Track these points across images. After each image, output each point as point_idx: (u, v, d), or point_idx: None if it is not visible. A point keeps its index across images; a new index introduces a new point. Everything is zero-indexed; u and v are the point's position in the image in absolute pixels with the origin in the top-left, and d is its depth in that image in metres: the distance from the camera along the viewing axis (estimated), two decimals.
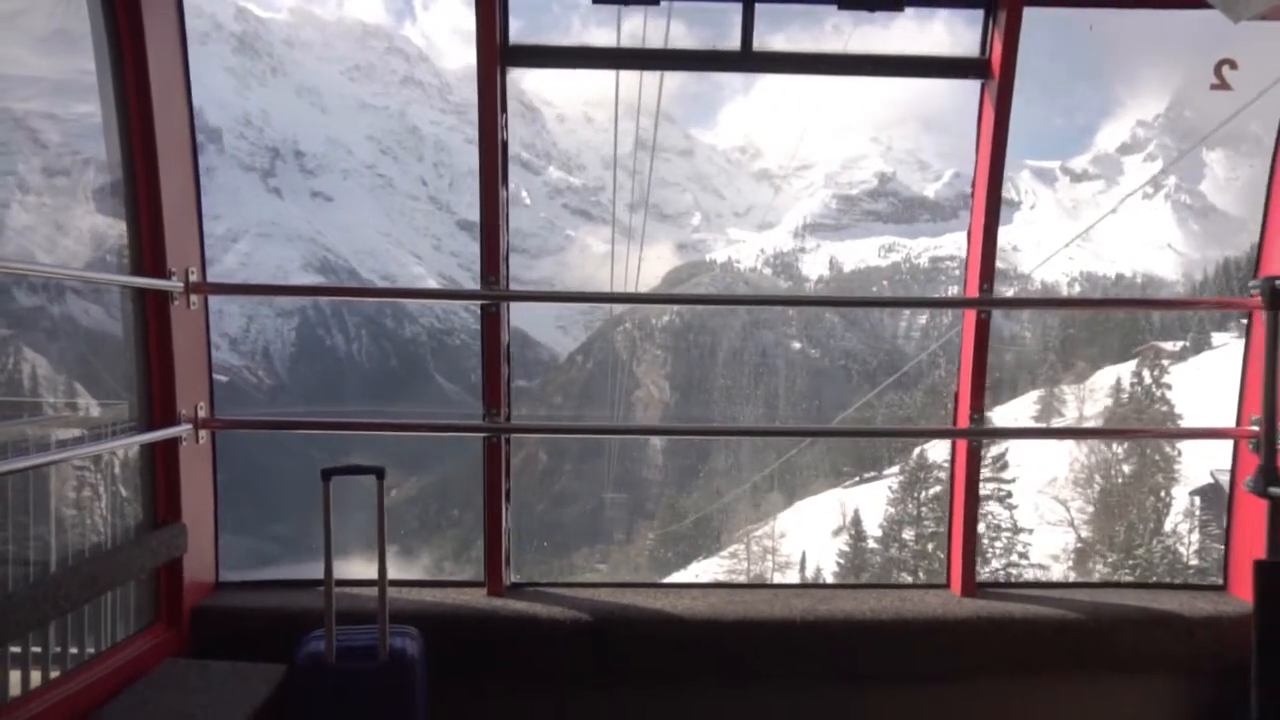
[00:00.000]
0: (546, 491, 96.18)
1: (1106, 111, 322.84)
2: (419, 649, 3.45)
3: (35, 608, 2.73)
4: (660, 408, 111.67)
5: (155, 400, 3.48)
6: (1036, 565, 41.19)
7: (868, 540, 47.93)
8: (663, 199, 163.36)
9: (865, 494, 54.95)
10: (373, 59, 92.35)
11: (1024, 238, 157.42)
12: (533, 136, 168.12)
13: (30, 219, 57.19)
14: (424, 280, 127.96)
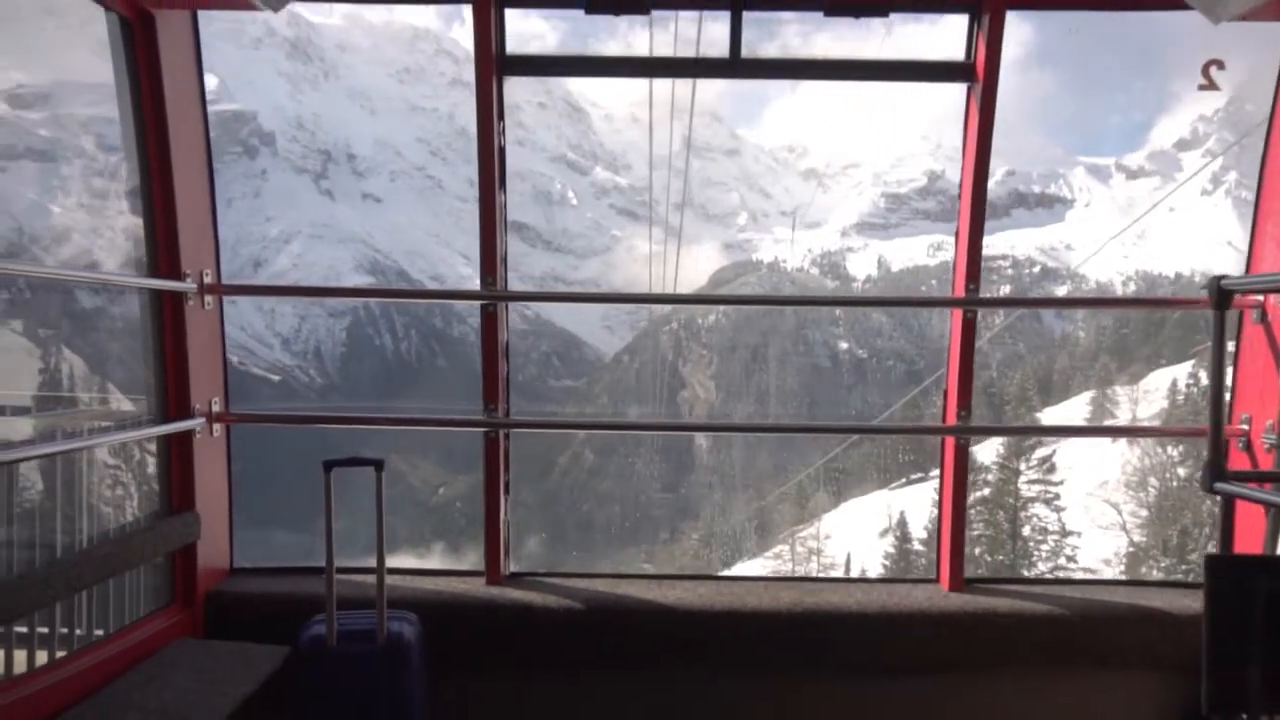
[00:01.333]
0: (592, 491, 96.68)
1: (1164, 107, 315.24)
2: (416, 634, 3.61)
3: (48, 586, 2.94)
4: (706, 407, 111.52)
5: (170, 395, 3.69)
6: (1085, 569, 40.54)
7: (913, 542, 47.58)
8: (709, 199, 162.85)
9: (912, 496, 54.50)
10: (422, 62, 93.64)
11: (1077, 236, 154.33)
12: (579, 138, 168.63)
13: (94, 220, 58.36)
14: (471, 280, 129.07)
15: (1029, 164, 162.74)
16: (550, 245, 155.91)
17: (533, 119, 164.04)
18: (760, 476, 77.25)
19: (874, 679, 3.78)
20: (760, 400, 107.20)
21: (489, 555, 4.00)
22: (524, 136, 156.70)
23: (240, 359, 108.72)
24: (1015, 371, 79.97)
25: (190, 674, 3.24)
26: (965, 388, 3.94)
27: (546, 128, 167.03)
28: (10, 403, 4.97)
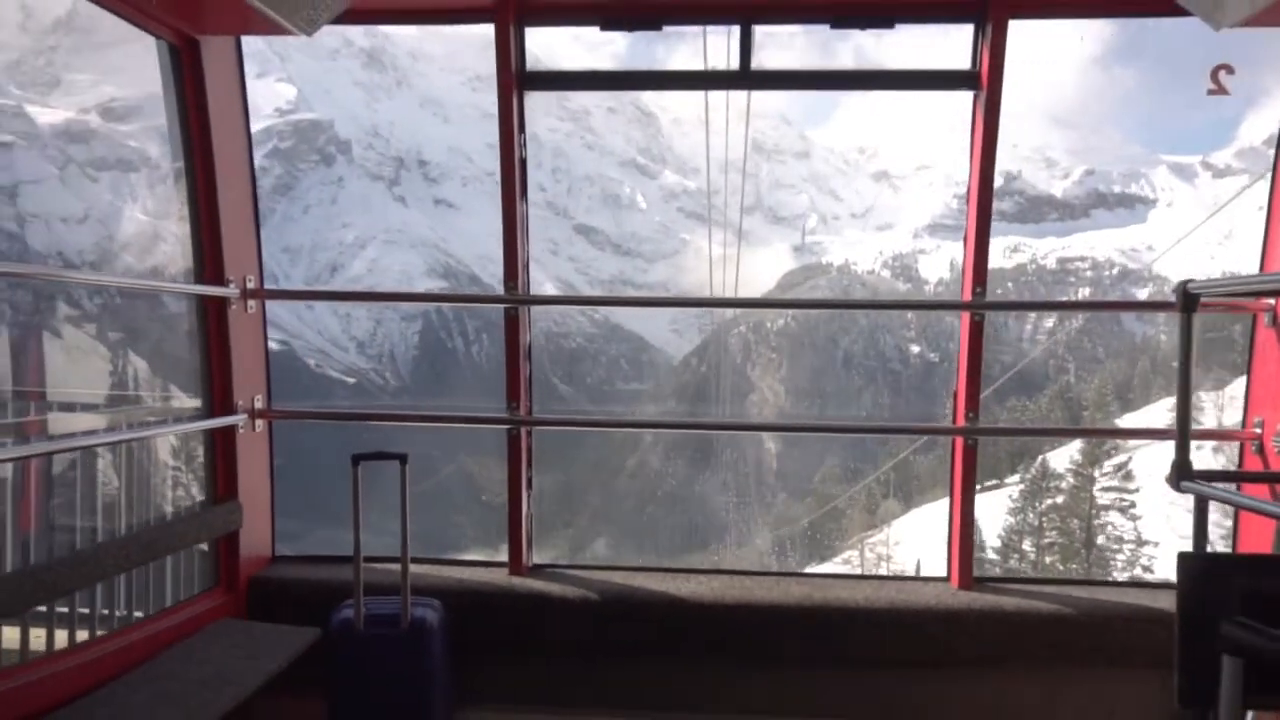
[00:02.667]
0: (660, 495, 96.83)
1: (1253, 101, 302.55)
2: (439, 619, 3.83)
3: (98, 565, 3.23)
4: (774, 411, 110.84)
5: (215, 392, 3.98)
6: (1164, 582, 39.25)
7: (986, 550, 46.73)
8: (778, 201, 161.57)
9: (985, 502, 53.49)
10: (493, 69, 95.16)
11: (1159, 237, 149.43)
12: (648, 141, 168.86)
13: (180, 228, 61.08)
14: (543, 285, 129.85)
15: (1109, 163, 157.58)
16: (619, 249, 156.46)
17: (602, 124, 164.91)
18: (827, 480, 76.53)
19: (882, 673, 3.88)
20: (829, 404, 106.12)
21: (512, 547, 4.21)
22: (594, 141, 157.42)
23: (317, 362, 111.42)
24: (1093, 376, 77.89)
25: (227, 650, 3.50)
26: (974, 389, 4.02)
27: (615, 132, 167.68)
28: (82, 400, 5.36)
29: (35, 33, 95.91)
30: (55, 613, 3.68)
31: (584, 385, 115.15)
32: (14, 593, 2.90)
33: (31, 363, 8.40)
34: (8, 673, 3.06)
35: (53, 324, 23.13)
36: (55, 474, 3.94)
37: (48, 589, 3.03)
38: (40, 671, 3.07)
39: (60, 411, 4.80)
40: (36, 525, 3.79)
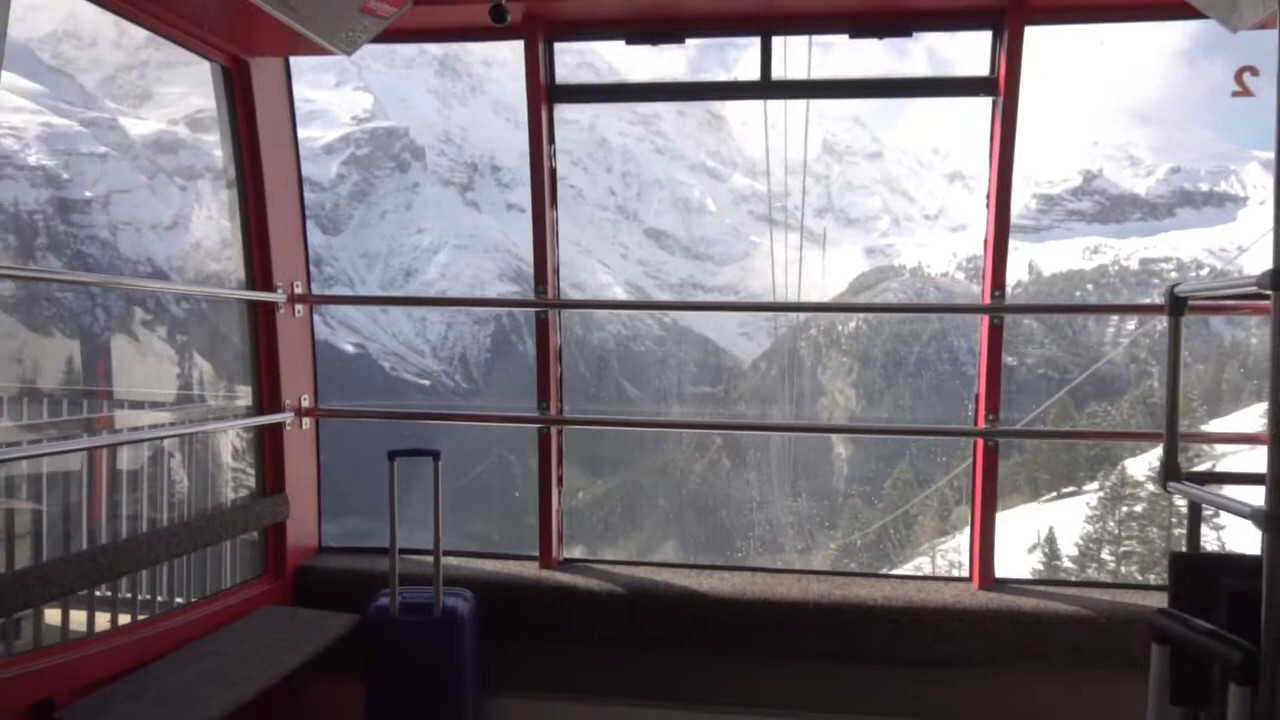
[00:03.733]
0: (728, 498, 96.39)
1: None
2: (470, 609, 4.02)
3: (149, 550, 3.48)
4: (845, 414, 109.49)
5: (264, 391, 4.23)
6: None
7: (1062, 559, 45.54)
8: (850, 203, 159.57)
9: (1063, 510, 52.15)
10: (564, 74, 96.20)
11: (1249, 236, 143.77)
12: (718, 144, 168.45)
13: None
14: (611, 288, 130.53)
15: (1196, 160, 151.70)
16: (689, 252, 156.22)
17: (672, 128, 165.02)
18: (898, 485, 75.34)
19: (899, 671, 3.95)
20: (900, 408, 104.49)
21: (542, 541, 4.38)
22: (663, 145, 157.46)
23: (392, 365, 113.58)
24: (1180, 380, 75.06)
25: (270, 633, 3.74)
26: (994, 391, 4.07)
27: (685, 136, 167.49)
28: (152, 399, 5.71)
29: (129, 48, 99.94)
30: (118, 596, 3.98)
31: (652, 388, 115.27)
32: (71, 573, 3.16)
33: (100, 363, 8.90)
34: (75, 645, 3.34)
35: (122, 326, 24.20)
36: (122, 468, 4.26)
37: (101, 571, 3.29)
38: (100, 646, 3.34)
39: (127, 409, 5.15)
40: (104, 514, 4.11)
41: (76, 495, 4.11)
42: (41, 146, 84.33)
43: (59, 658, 3.18)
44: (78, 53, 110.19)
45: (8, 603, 2.88)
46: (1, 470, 3.89)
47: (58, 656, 3.18)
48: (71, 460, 4.12)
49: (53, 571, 3.10)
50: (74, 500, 4.08)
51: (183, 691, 3.11)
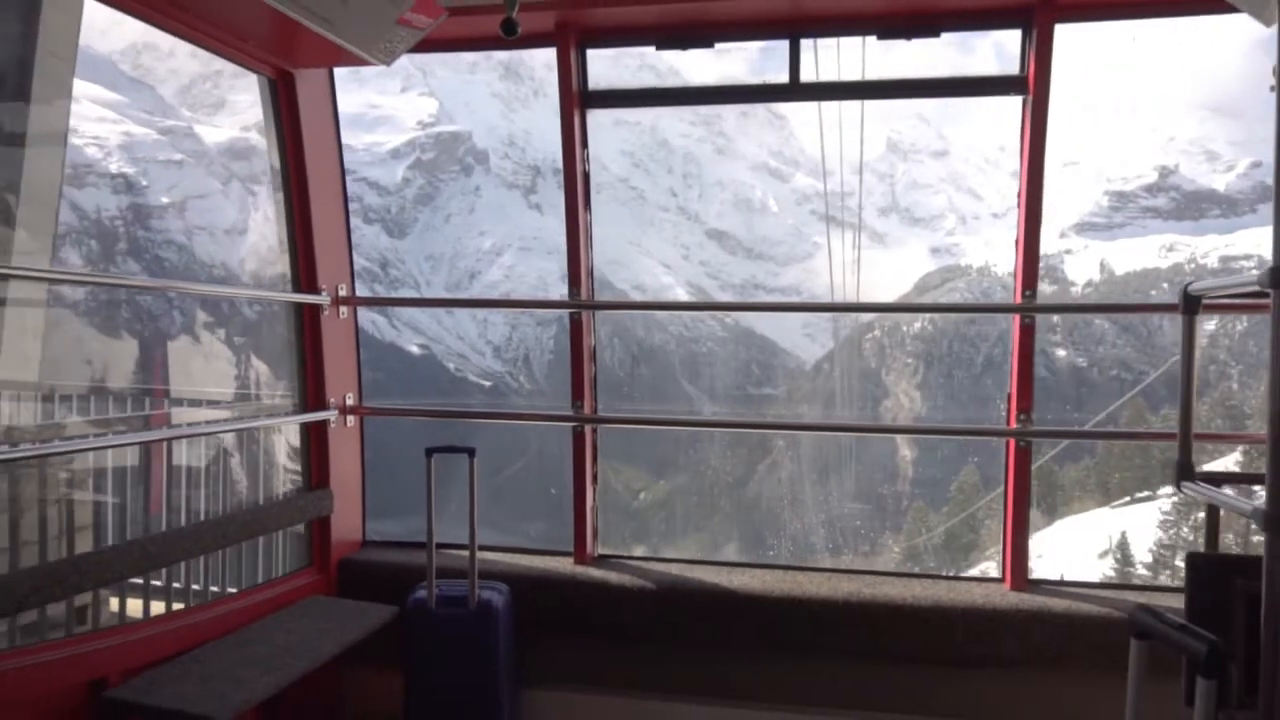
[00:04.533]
0: (792, 499, 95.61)
1: None
2: (504, 602, 4.14)
3: (196, 541, 3.66)
4: (909, 416, 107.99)
5: (309, 390, 4.40)
6: None
7: (1135, 566, 44.34)
8: (915, 202, 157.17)
9: (1136, 515, 50.79)
10: (626, 76, 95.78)
11: None
12: (780, 144, 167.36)
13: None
14: (672, 289, 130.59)
15: None
16: (750, 253, 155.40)
17: (733, 128, 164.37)
18: (965, 489, 74.04)
19: (925, 670, 3.96)
20: (966, 410, 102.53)
21: (576, 537, 4.48)
22: (725, 145, 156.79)
23: (456, 366, 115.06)
24: (1259, 382, 72.73)
25: (312, 622, 3.90)
26: (1025, 391, 4.06)
27: (747, 136, 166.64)
28: (207, 397, 5.97)
29: (203, 58, 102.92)
30: (173, 585, 4.18)
31: (712, 389, 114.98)
32: (123, 560, 3.35)
33: (158, 362, 9.31)
34: (129, 629, 3.53)
35: (187, 327, 25.11)
36: (178, 463, 4.48)
37: (151, 559, 3.47)
38: (152, 630, 3.53)
39: (186, 406, 5.38)
40: (162, 506, 4.33)
41: (135, 488, 4.34)
42: (122, 155, 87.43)
43: (115, 640, 3.37)
44: (156, 63, 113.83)
45: (62, 587, 3.07)
46: (73, 463, 4.13)
47: (114, 639, 3.37)
48: (131, 454, 4.35)
49: (107, 558, 3.28)
50: (132, 492, 4.30)
51: (225, 675, 3.27)
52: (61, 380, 6.49)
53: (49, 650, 3.16)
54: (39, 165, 6.03)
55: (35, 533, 3.73)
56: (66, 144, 6.49)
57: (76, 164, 78.58)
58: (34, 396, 5.75)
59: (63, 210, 20.58)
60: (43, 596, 3.01)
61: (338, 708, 4.33)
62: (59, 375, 6.74)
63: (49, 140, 6.17)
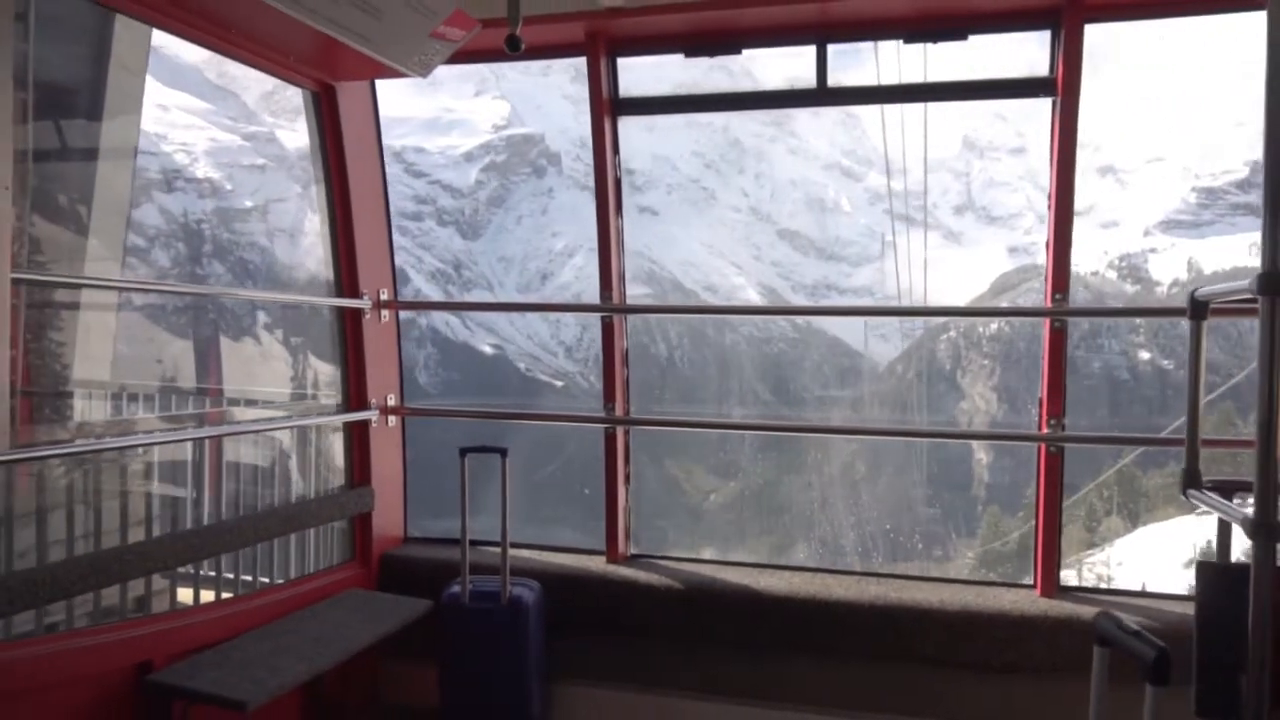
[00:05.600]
0: (861, 502, 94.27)
1: None
2: (535, 599, 4.25)
3: (238, 534, 3.84)
4: (986, 419, 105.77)
5: (351, 391, 4.57)
6: None
7: None
8: (991, 200, 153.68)
9: (1212, 524, 48.84)
10: (697, 77, 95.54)
11: None
12: (853, 144, 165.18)
13: (400, 239, 64.23)
14: (743, 290, 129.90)
15: None
16: (823, 253, 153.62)
17: (805, 127, 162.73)
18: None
19: (950, 675, 3.95)
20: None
21: (609, 537, 4.57)
22: (796, 145, 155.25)
23: (527, 366, 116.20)
24: None
25: (348, 613, 4.06)
26: (1056, 396, 4.01)
27: (819, 135, 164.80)
28: (261, 397, 6.22)
29: None
30: (222, 575, 4.38)
31: (784, 391, 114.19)
32: (167, 550, 3.54)
33: (213, 363, 9.70)
34: (176, 615, 3.73)
35: (240, 329, 26.03)
36: (231, 459, 4.69)
37: (193, 551, 3.66)
38: (198, 618, 3.72)
39: (243, 405, 5.62)
40: (208, 499, 4.54)
41: (191, 482, 4.56)
42: (208, 160, 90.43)
43: (162, 626, 3.56)
44: (240, 71, 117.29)
45: (106, 575, 3.26)
46: (134, 457, 4.37)
47: (161, 625, 3.57)
48: (185, 450, 4.57)
49: (149, 549, 3.48)
50: (187, 486, 4.52)
51: (261, 661, 3.43)
52: (132, 379, 6.82)
53: (101, 634, 3.37)
54: (110, 177, 6.36)
55: (91, 524, 3.96)
56: (136, 156, 6.83)
57: (166, 169, 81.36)
58: (104, 395, 6.08)
59: (153, 214, 21.81)
60: (88, 584, 3.21)
61: (376, 697, 4.50)
62: (130, 375, 7.09)
63: (119, 154, 6.51)
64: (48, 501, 3.89)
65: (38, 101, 5.72)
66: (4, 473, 3.50)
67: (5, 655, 3.03)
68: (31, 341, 5.52)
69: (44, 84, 5.70)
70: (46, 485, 4.11)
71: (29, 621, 3.37)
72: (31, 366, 5.43)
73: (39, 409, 5.57)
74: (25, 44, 5.46)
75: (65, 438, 5.31)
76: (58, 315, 5.87)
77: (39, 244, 5.79)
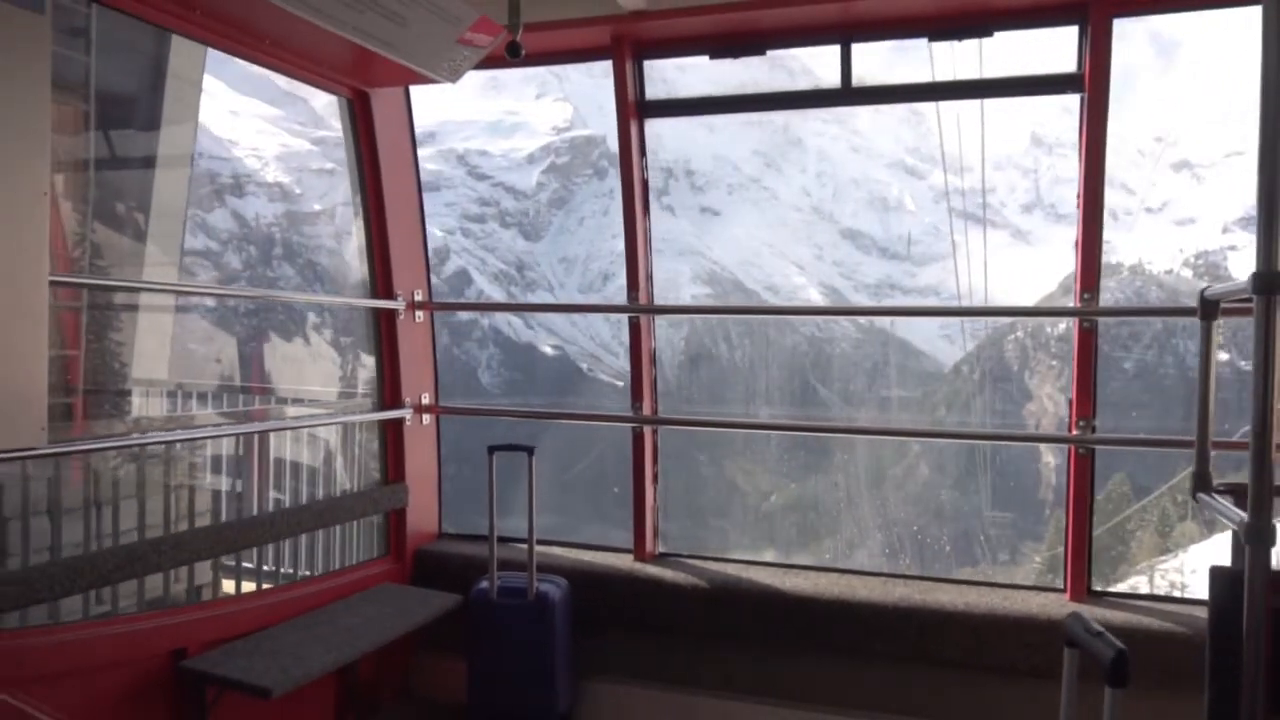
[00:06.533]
0: (927, 505, 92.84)
1: None
2: (562, 596, 4.31)
3: (270, 528, 3.97)
4: (1054, 421, 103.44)
5: (386, 390, 4.69)
6: None
7: None
8: (1060, 197, 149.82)
9: None
10: (758, 76, 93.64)
11: None
12: (917, 141, 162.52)
13: (468, 242, 64.85)
14: (805, 290, 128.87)
15: None
16: (886, 252, 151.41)
17: (868, 125, 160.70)
18: (1113, 498, 70.35)
19: (974, 678, 3.91)
20: (1114, 415, 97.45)
21: (636, 535, 4.61)
22: (859, 144, 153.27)
23: (589, 366, 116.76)
24: None
25: (379, 606, 4.17)
26: (1085, 397, 3.95)
27: (882, 133, 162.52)
28: (304, 395, 6.41)
29: None
30: (262, 567, 4.53)
31: (846, 391, 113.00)
32: (199, 543, 3.68)
33: (261, 363, 10.02)
34: (212, 605, 3.89)
35: (289, 331, 26.84)
36: (274, 455, 4.85)
37: (227, 543, 3.79)
38: (233, 608, 3.86)
39: (289, 404, 5.79)
40: (255, 492, 4.70)
41: (223, 474, 4.73)
42: (278, 165, 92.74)
43: (198, 614, 3.71)
44: None
45: (142, 564, 3.41)
46: (187, 451, 4.56)
47: (198, 614, 3.71)
48: (229, 445, 4.75)
49: (186, 539, 3.62)
50: (229, 479, 4.69)
51: (290, 651, 3.55)
52: (189, 378, 7.08)
53: (140, 621, 3.52)
54: (167, 185, 6.61)
55: (135, 516, 4.13)
56: (193, 164, 7.08)
57: (238, 174, 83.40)
58: (160, 392, 6.32)
59: (225, 218, 22.36)
60: (124, 573, 3.35)
61: (409, 690, 4.61)
62: (187, 373, 7.36)
63: (176, 162, 6.76)
64: (100, 494, 4.08)
65: (99, 113, 5.98)
66: (53, 465, 3.68)
67: (52, 639, 3.18)
68: (93, 342, 5.76)
69: (104, 95, 5.95)
70: (102, 478, 4.30)
71: (75, 610, 3.55)
72: (91, 366, 5.67)
73: (98, 406, 5.82)
74: (86, 57, 5.71)
75: (122, 432, 5.53)
76: (117, 317, 6.12)
77: (99, 249, 6.05)
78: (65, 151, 5.79)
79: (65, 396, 5.47)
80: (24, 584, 2.99)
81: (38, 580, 3.05)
